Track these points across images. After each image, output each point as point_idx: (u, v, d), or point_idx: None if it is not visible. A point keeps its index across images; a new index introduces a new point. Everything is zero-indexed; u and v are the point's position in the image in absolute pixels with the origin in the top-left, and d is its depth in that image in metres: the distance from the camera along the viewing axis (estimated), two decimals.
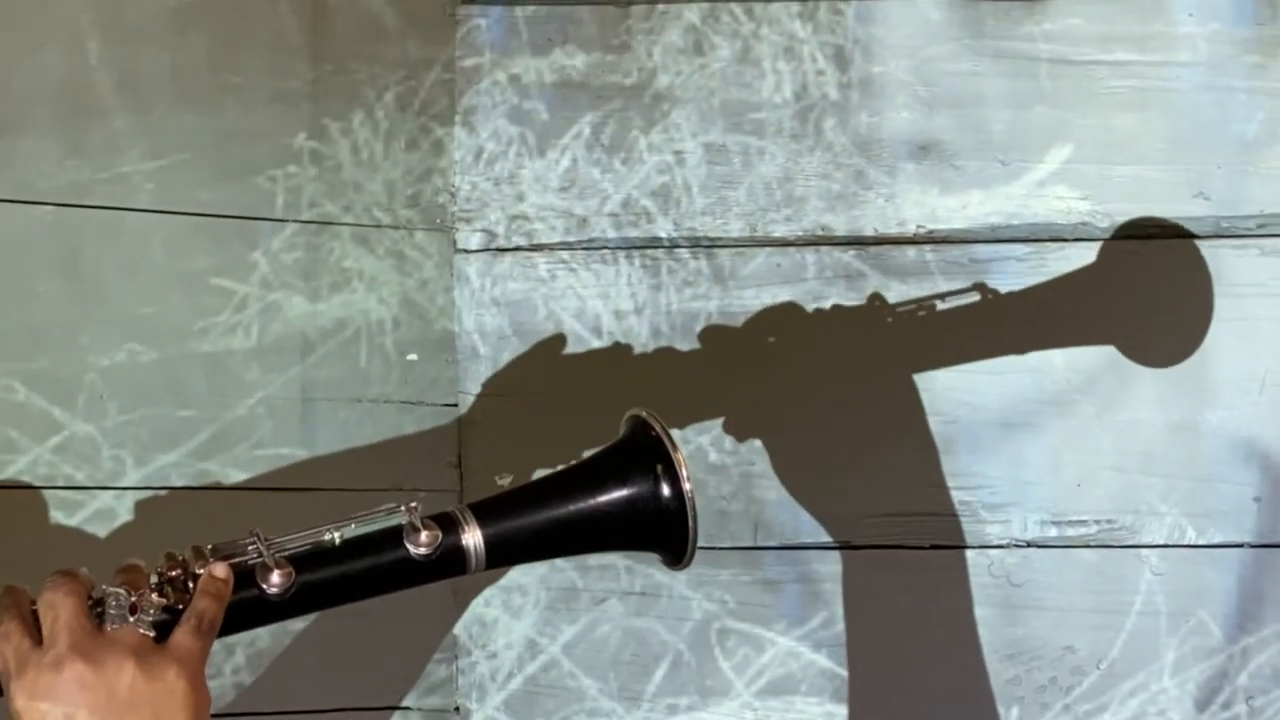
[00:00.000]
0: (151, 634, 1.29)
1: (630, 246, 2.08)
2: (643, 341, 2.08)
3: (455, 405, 2.09)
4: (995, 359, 2.04)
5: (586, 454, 1.53)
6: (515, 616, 2.08)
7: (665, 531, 1.46)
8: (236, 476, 1.99)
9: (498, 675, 2.08)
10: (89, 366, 1.92)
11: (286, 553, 1.37)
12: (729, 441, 2.05)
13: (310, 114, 2.03)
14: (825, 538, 2.06)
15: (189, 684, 1.27)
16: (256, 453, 2.00)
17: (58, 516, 1.91)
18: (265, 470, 2.00)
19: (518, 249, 2.09)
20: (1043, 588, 2.04)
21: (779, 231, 2.07)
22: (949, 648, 2.06)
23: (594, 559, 2.06)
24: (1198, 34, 2.03)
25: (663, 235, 2.08)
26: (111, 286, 1.94)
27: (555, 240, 2.09)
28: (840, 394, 2.05)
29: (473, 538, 1.41)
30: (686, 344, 2.07)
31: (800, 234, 2.07)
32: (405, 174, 2.08)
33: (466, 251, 2.09)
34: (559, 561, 2.06)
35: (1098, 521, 2.04)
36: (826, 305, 2.06)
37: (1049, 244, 2.04)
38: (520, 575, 2.07)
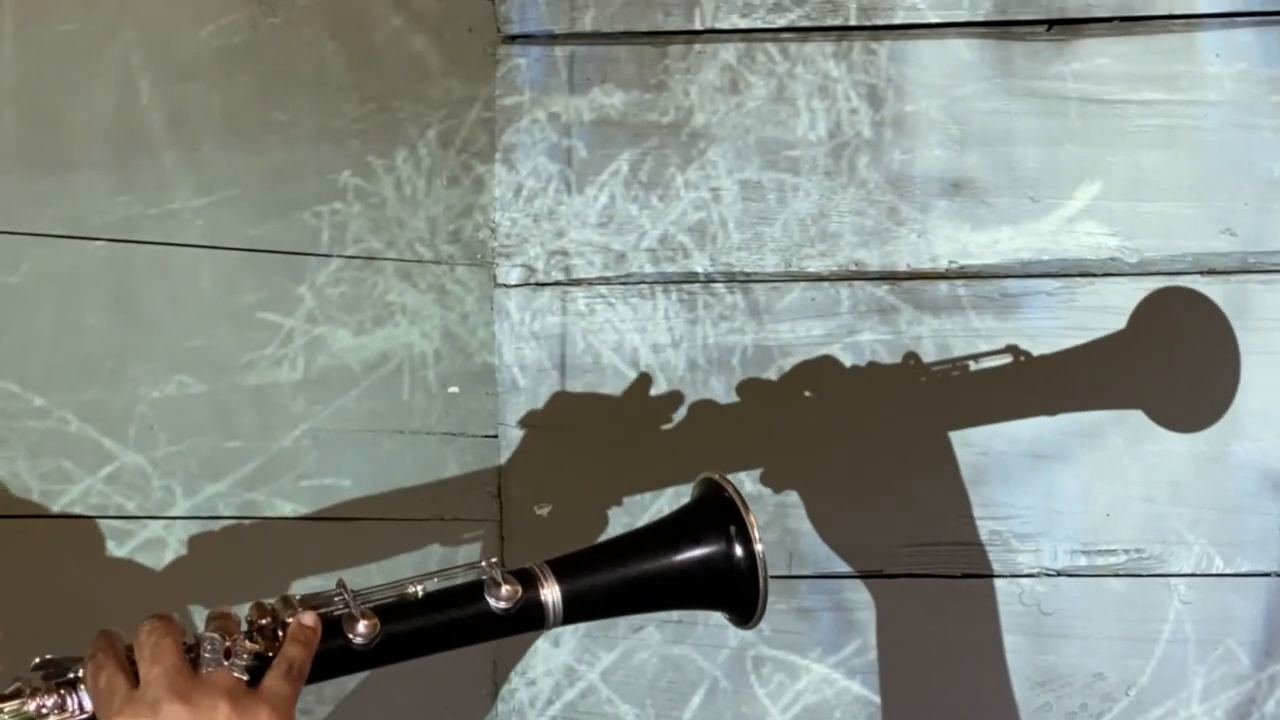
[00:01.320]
0: (245, 677, 1.29)
1: (667, 281, 2.07)
2: (679, 374, 2.07)
3: (495, 436, 2.08)
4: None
5: (662, 513, 1.52)
6: (554, 644, 2.06)
7: (736, 591, 1.46)
8: (282, 506, 1.99)
9: (537, 702, 2.07)
10: (139, 398, 1.93)
11: (372, 604, 1.37)
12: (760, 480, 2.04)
13: (355, 151, 2.03)
14: (860, 566, 2.05)
15: None
16: (302, 483, 1.99)
17: (109, 546, 1.91)
18: (310, 500, 2.00)
19: (557, 284, 2.08)
20: (1073, 616, 2.03)
21: (813, 267, 2.06)
22: (979, 674, 2.04)
23: None
24: (1224, 74, 2.03)
25: (699, 270, 2.07)
26: (161, 320, 1.94)
27: (594, 275, 2.08)
28: (875, 443, 2.04)
29: (551, 594, 1.41)
30: (723, 377, 2.06)
31: (834, 269, 2.06)
32: (447, 210, 2.07)
33: (506, 286, 2.08)
34: None
35: (1127, 551, 2.03)
36: (863, 362, 2.05)
37: (1079, 279, 2.04)
38: None
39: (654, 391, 2.06)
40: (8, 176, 1.87)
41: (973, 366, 2.03)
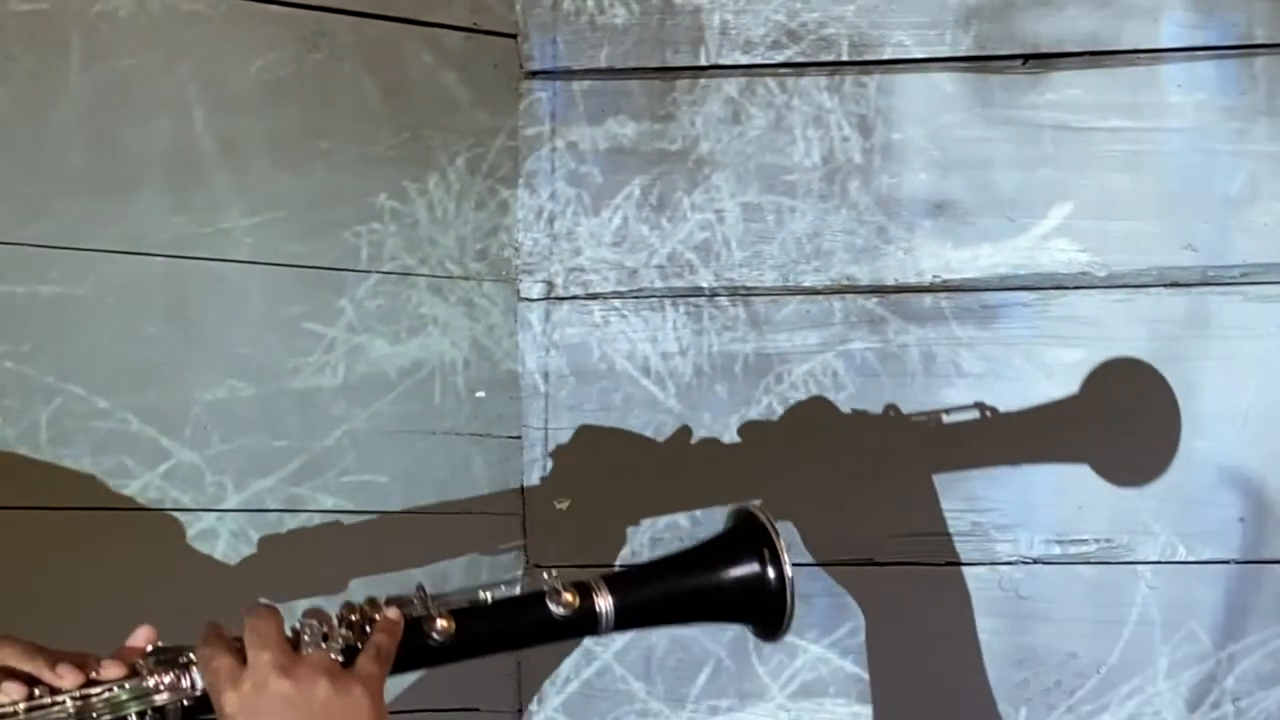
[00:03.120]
0: (340, 659, 1.33)
1: (675, 295, 2.07)
2: (687, 380, 2.06)
3: (519, 437, 2.07)
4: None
5: (703, 537, 1.56)
6: None
7: (768, 609, 1.49)
8: (325, 500, 1.98)
9: (556, 680, 2.06)
10: (194, 401, 1.93)
11: (449, 606, 1.42)
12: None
13: (391, 176, 2.02)
14: (852, 555, 2.04)
15: (372, 701, 1.32)
16: (343, 479, 1.99)
17: (166, 536, 1.91)
18: (350, 494, 1.99)
19: (575, 298, 2.08)
20: (1048, 600, 2.03)
21: (809, 281, 2.06)
22: (961, 653, 2.03)
23: None
24: (1186, 103, 2.02)
25: (704, 285, 2.07)
26: (214, 329, 1.94)
27: (608, 290, 2.07)
28: (863, 449, 2.05)
29: (605, 603, 1.45)
30: (726, 382, 2.05)
31: (828, 283, 2.06)
32: (475, 230, 2.07)
33: (529, 300, 2.08)
34: None
35: (1097, 540, 2.02)
36: (855, 371, 2.04)
37: (1052, 291, 2.03)
38: None
39: (662, 397, 2.06)
40: (74, 198, 1.87)
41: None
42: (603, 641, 2.05)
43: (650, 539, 2.04)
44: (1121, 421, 2.03)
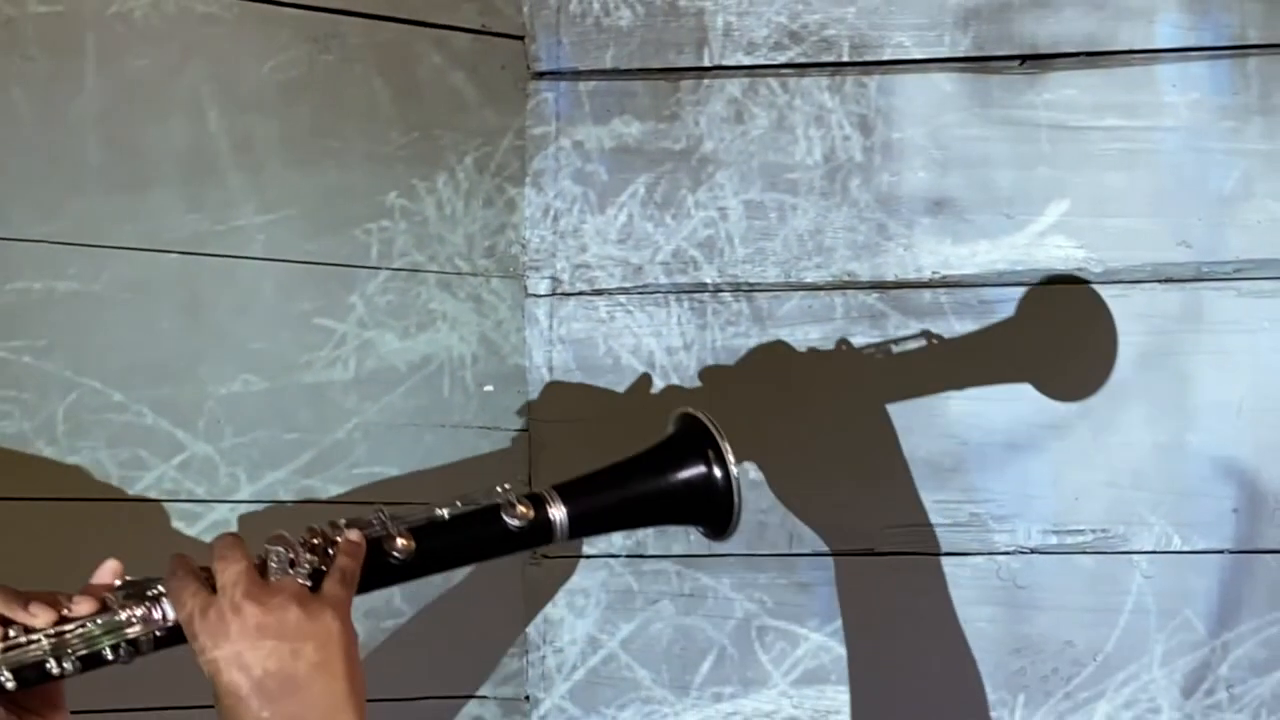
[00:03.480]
0: (308, 584, 1.34)
1: (679, 291, 2.07)
2: (691, 374, 2.07)
3: (526, 430, 2.08)
4: (991, 386, 2.04)
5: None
6: (579, 616, 2.07)
7: (716, 509, 1.50)
8: (335, 492, 1.99)
9: (563, 668, 2.07)
10: (208, 395, 1.93)
11: (407, 524, 1.43)
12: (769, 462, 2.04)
13: (400, 175, 2.03)
14: (853, 545, 2.04)
15: (341, 623, 1.33)
16: (353, 471, 1.99)
17: (180, 526, 1.91)
18: (360, 486, 2.00)
19: (581, 293, 2.08)
20: (1045, 589, 2.03)
21: (810, 277, 2.06)
22: (959, 641, 2.04)
23: (646, 565, 2.05)
24: (1180, 102, 2.03)
25: (708, 281, 2.07)
26: (228, 325, 1.94)
27: (614, 286, 2.08)
28: (865, 439, 2.06)
29: (558, 513, 1.48)
30: (728, 378, 2.06)
31: (829, 279, 2.06)
32: (483, 228, 2.07)
33: (536, 296, 2.08)
34: (616, 566, 2.06)
35: (1094, 531, 2.03)
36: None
37: (1049, 286, 2.03)
38: (582, 579, 2.07)
39: (667, 389, 2.07)
40: (91, 196, 1.87)
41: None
42: (609, 630, 2.05)
43: (655, 529, 2.04)
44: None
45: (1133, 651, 2.02)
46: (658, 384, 2.07)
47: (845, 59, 2.06)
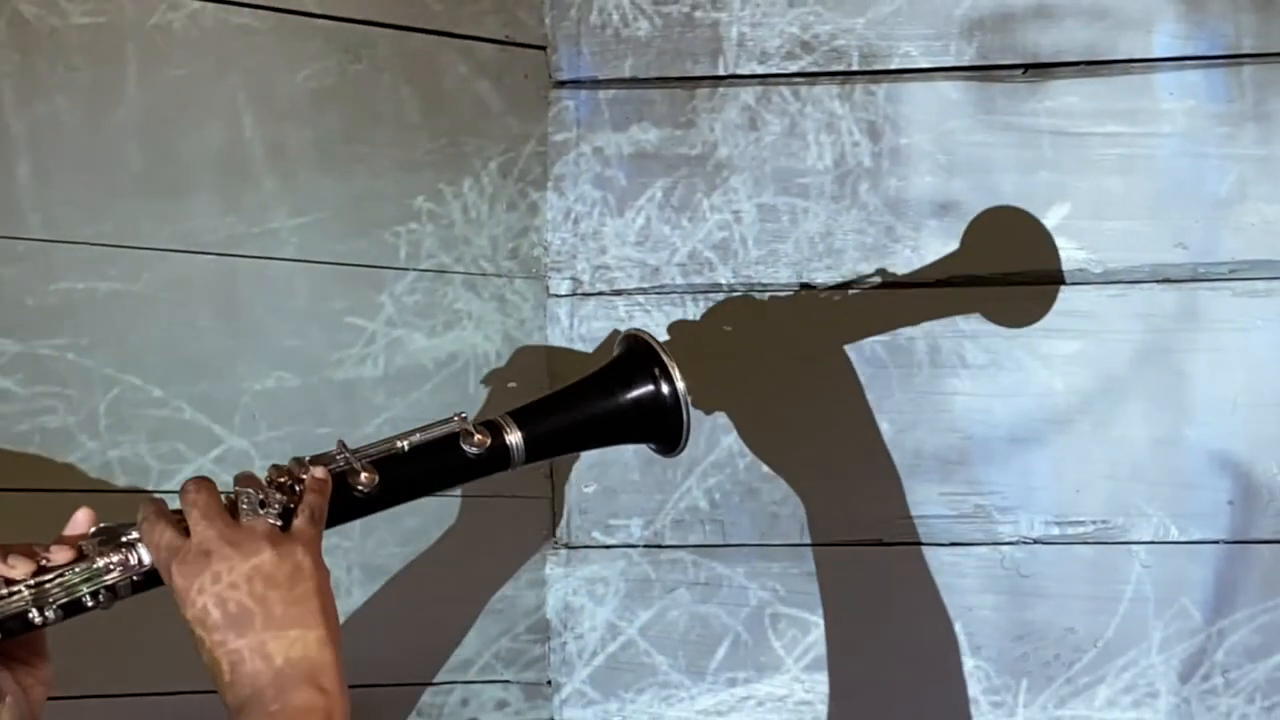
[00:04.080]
0: (278, 523, 1.33)
1: (695, 291, 2.08)
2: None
3: None
4: (1001, 384, 2.05)
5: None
6: (598, 604, 2.08)
7: (666, 425, 1.52)
8: None
9: (584, 653, 2.08)
10: (243, 391, 1.94)
11: (369, 458, 1.43)
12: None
13: (428, 180, 2.04)
14: (861, 535, 2.05)
15: (313, 560, 1.32)
16: None
17: None
18: None
19: (600, 294, 2.09)
20: (1047, 578, 2.03)
21: (821, 278, 2.07)
22: (964, 626, 2.05)
23: (664, 556, 2.06)
24: (1177, 109, 2.03)
25: (723, 281, 2.08)
26: (262, 323, 1.95)
27: (632, 286, 2.09)
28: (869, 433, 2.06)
29: (514, 438, 1.49)
30: (737, 375, 2.07)
31: (839, 280, 2.07)
32: (506, 230, 2.08)
33: (557, 296, 2.09)
34: (634, 556, 2.06)
35: (1094, 522, 2.03)
36: (864, 364, 2.06)
37: (1050, 286, 2.04)
38: (602, 569, 2.07)
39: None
40: (131, 199, 1.89)
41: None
42: (627, 617, 2.06)
43: (672, 520, 2.05)
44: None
45: (1132, 638, 2.02)
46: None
47: (855, 68, 2.07)
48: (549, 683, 2.08)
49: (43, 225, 1.84)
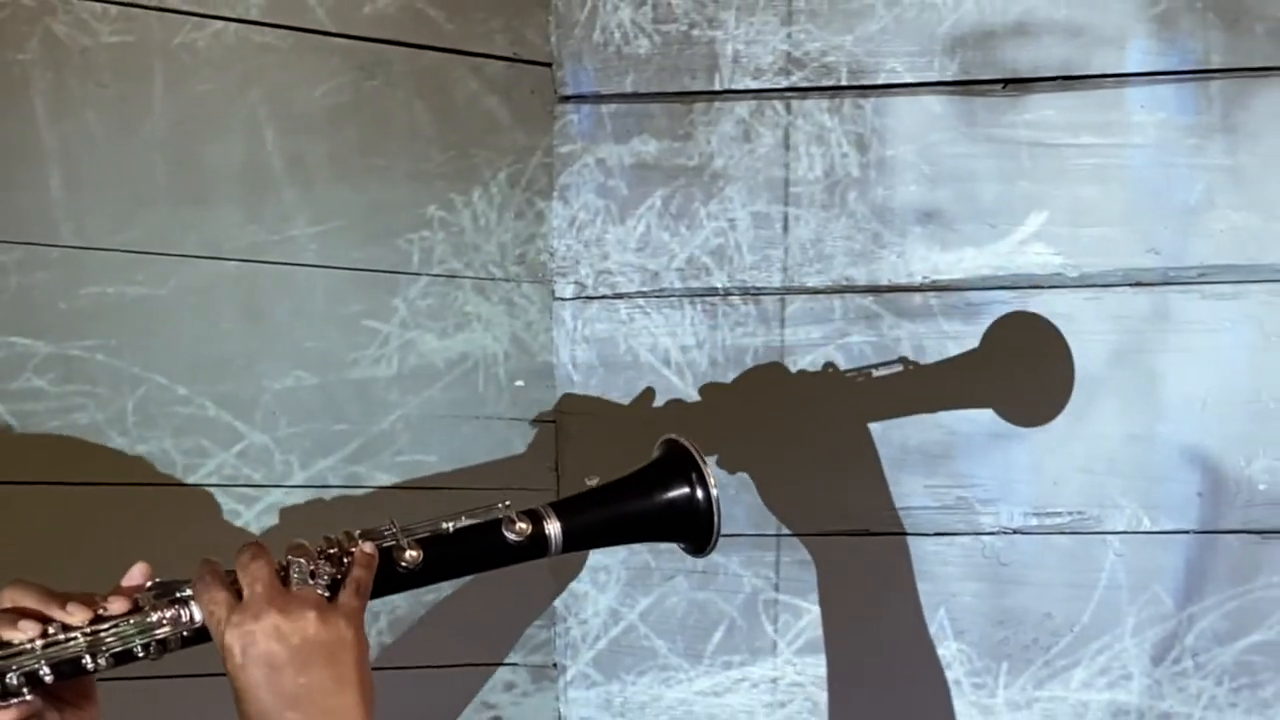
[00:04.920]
0: (326, 594, 1.35)
1: (693, 294, 2.09)
2: (703, 370, 2.08)
3: (554, 422, 2.09)
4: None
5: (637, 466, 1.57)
6: (601, 591, 2.09)
7: (697, 528, 1.52)
8: (380, 478, 2.01)
9: (587, 638, 2.09)
10: (264, 389, 1.95)
11: (416, 537, 1.44)
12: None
13: (439, 190, 2.04)
14: (850, 526, 2.06)
15: (355, 632, 1.34)
16: (397, 459, 2.01)
17: (239, 508, 1.94)
18: (403, 472, 2.02)
19: (603, 297, 2.10)
20: (1026, 566, 2.04)
21: (812, 282, 2.07)
22: (948, 612, 2.06)
23: (662, 544, 2.05)
24: (1149, 121, 2.03)
25: (719, 286, 2.09)
26: (282, 326, 1.96)
27: (633, 290, 2.09)
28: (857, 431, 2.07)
29: (554, 529, 1.48)
30: (737, 371, 2.07)
31: (829, 284, 2.07)
32: (514, 238, 2.08)
33: (563, 299, 2.10)
34: (637, 545, 2.06)
35: (1071, 513, 2.04)
36: (849, 364, 2.06)
37: (1030, 290, 2.04)
38: (604, 558, 2.08)
39: (679, 386, 2.08)
40: (158, 209, 1.90)
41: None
42: (629, 603, 2.08)
43: None
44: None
45: (1106, 623, 2.02)
46: (672, 379, 2.08)
47: (843, 83, 2.07)
48: (555, 665, 2.09)
49: (74, 233, 1.86)
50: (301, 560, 1.36)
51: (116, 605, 1.35)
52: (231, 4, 1.94)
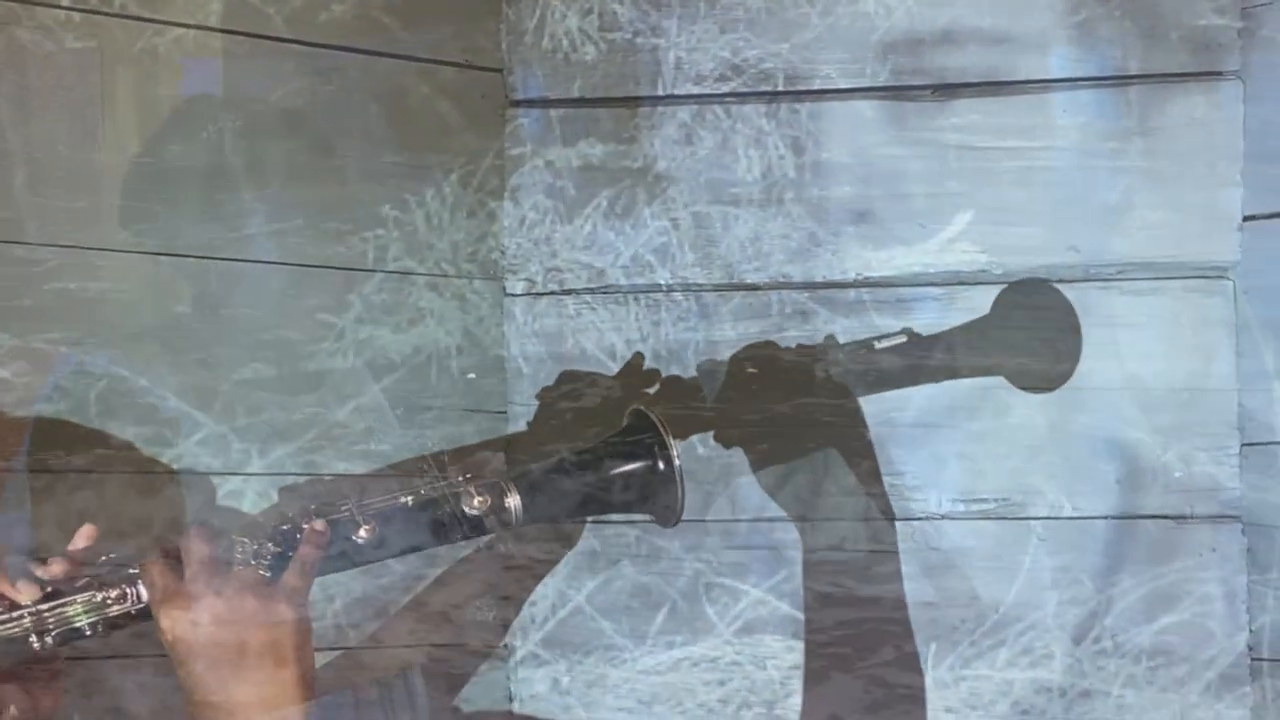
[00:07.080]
0: (267, 573, 1.32)
1: (637, 291, 2.05)
2: (646, 364, 2.04)
3: (504, 413, 2.06)
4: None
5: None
6: (550, 574, 2.04)
7: (660, 499, 1.44)
8: (336, 465, 1.97)
9: (536, 619, 2.05)
10: (223, 380, 1.91)
11: (372, 512, 1.37)
12: (712, 439, 2.01)
13: (394, 190, 2.01)
14: (790, 513, 2.02)
15: (294, 611, 1.31)
16: (352, 448, 1.98)
17: (199, 495, 1.90)
18: (358, 460, 1.98)
19: (552, 293, 2.06)
20: (954, 551, 2.01)
21: (750, 279, 2.04)
22: (883, 595, 2.02)
23: (609, 530, 2.02)
24: (1070, 125, 2.00)
25: (662, 282, 2.05)
26: (241, 319, 1.93)
27: (580, 286, 2.05)
28: (803, 409, 2.02)
29: (514, 502, 1.39)
30: (679, 365, 2.04)
31: (767, 280, 2.04)
32: (466, 236, 2.05)
33: (513, 295, 2.06)
34: (584, 530, 2.02)
35: (996, 499, 2.00)
36: (792, 343, 2.02)
37: (957, 287, 2.01)
38: (552, 543, 2.03)
39: (626, 377, 2.04)
40: (119, 208, 1.86)
41: (876, 345, 2.00)
42: (575, 585, 2.03)
43: None
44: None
45: (1029, 605, 1.99)
46: (620, 370, 2.05)
47: (780, 89, 2.04)
48: (505, 645, 2.05)
49: (38, 231, 1.81)
50: (245, 540, 1.33)
51: (57, 568, 1.33)
52: (192, 11, 1.90)
